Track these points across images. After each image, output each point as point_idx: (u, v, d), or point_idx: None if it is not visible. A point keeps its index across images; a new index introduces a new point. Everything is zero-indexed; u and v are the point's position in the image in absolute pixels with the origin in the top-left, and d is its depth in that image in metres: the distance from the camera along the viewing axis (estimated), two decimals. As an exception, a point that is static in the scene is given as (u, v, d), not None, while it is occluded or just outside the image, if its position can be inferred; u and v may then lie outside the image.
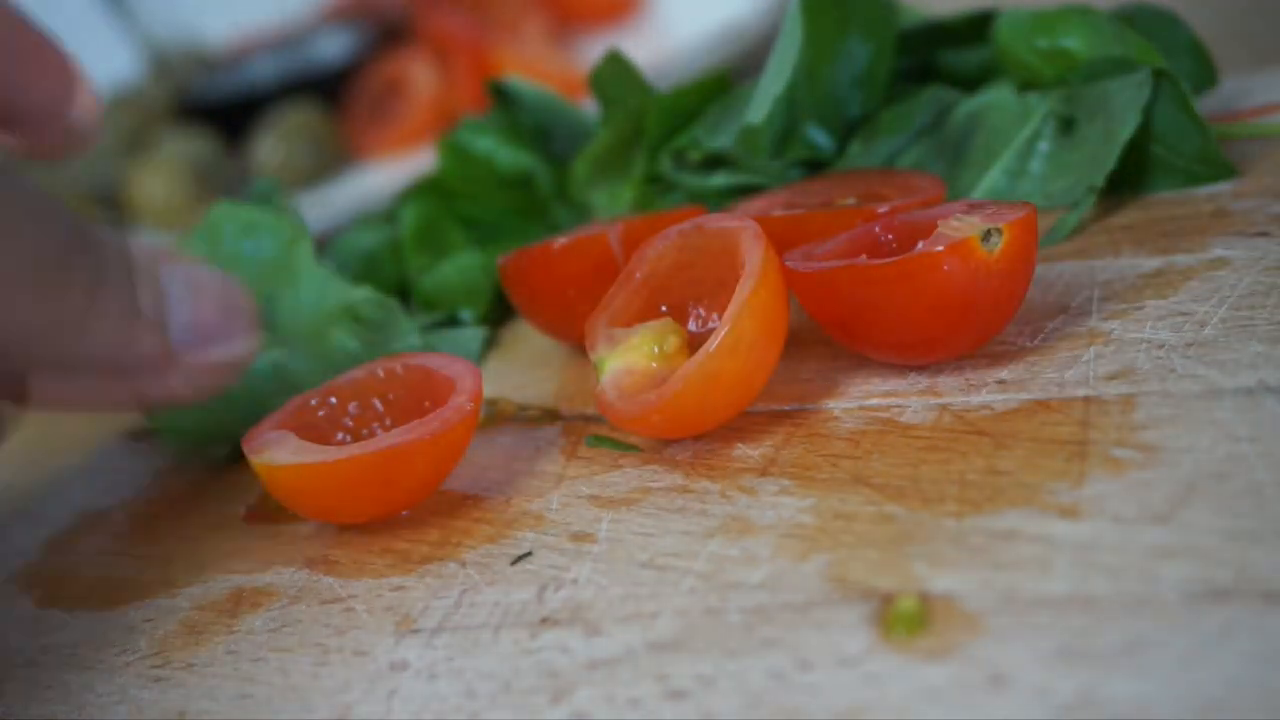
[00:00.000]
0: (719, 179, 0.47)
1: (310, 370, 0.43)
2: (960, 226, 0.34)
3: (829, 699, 0.27)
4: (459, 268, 0.49)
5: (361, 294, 0.45)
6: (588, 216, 0.50)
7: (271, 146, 0.75)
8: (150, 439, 0.48)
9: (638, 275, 0.38)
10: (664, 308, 0.38)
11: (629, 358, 0.37)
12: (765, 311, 0.35)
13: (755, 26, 0.74)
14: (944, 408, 0.35)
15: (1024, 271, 0.35)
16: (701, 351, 0.34)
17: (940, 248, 0.34)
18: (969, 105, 0.45)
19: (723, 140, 0.47)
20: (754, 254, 0.35)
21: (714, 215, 0.38)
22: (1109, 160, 0.41)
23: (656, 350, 0.37)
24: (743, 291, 0.34)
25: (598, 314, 0.38)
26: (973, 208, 0.35)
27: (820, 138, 0.47)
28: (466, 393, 0.37)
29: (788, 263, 0.36)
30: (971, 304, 0.34)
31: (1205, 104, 0.46)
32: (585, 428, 0.40)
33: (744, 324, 0.34)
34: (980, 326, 0.35)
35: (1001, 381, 0.35)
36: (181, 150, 0.75)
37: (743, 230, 0.36)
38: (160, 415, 0.44)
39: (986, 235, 0.34)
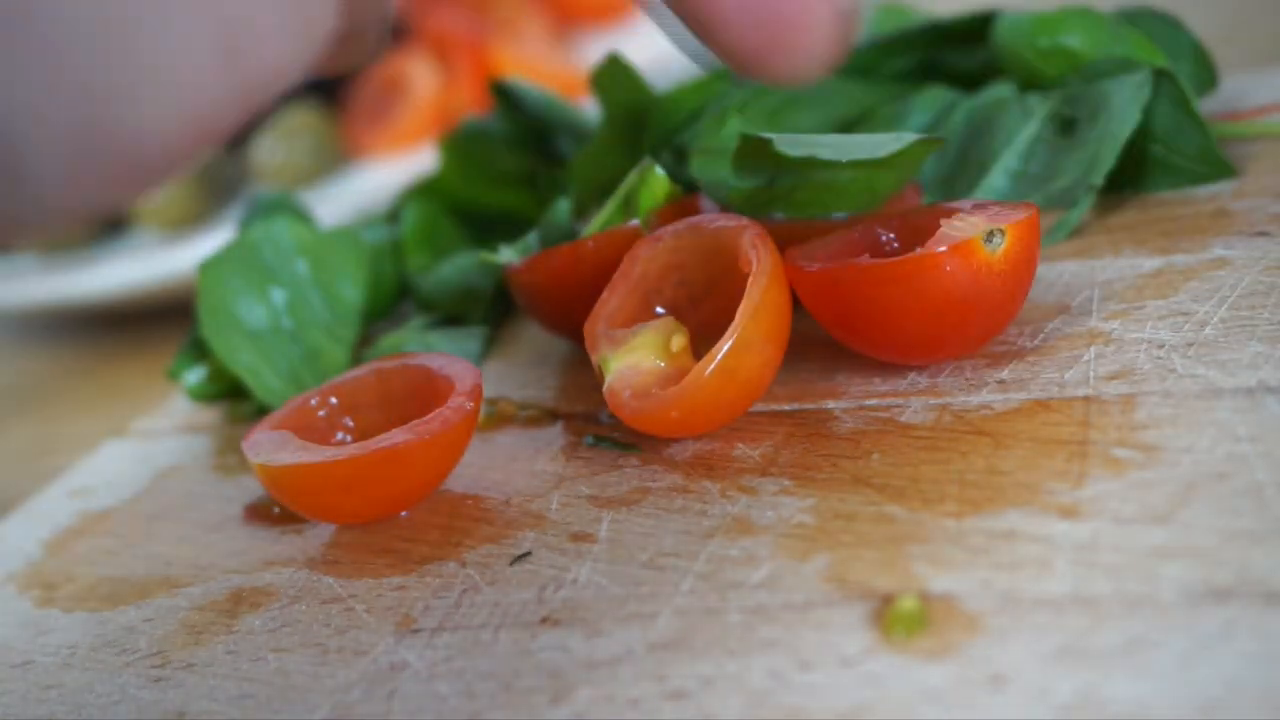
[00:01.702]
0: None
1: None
2: (963, 227, 0.34)
3: (829, 699, 0.27)
4: (459, 268, 0.49)
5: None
6: (587, 215, 0.50)
7: (271, 146, 0.75)
8: (150, 438, 0.49)
9: (631, 277, 0.38)
10: (659, 309, 0.38)
11: (633, 357, 0.37)
12: (776, 308, 0.35)
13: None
14: (944, 408, 0.35)
15: (1026, 272, 0.35)
16: (718, 347, 0.34)
17: (943, 248, 0.34)
18: (969, 105, 0.45)
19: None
20: (762, 252, 0.35)
21: (709, 215, 0.38)
22: (1109, 160, 0.41)
23: (663, 349, 0.37)
24: (756, 288, 0.35)
25: (595, 316, 0.38)
26: (976, 208, 0.36)
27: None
28: (466, 392, 0.37)
29: (790, 262, 0.36)
30: (974, 304, 0.34)
31: (1205, 104, 0.46)
32: (585, 428, 0.40)
33: (760, 319, 0.34)
34: (982, 327, 0.35)
35: (1001, 381, 0.35)
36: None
37: (744, 230, 0.36)
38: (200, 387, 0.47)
39: (989, 236, 0.34)
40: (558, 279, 0.42)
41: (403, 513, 0.38)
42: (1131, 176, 0.43)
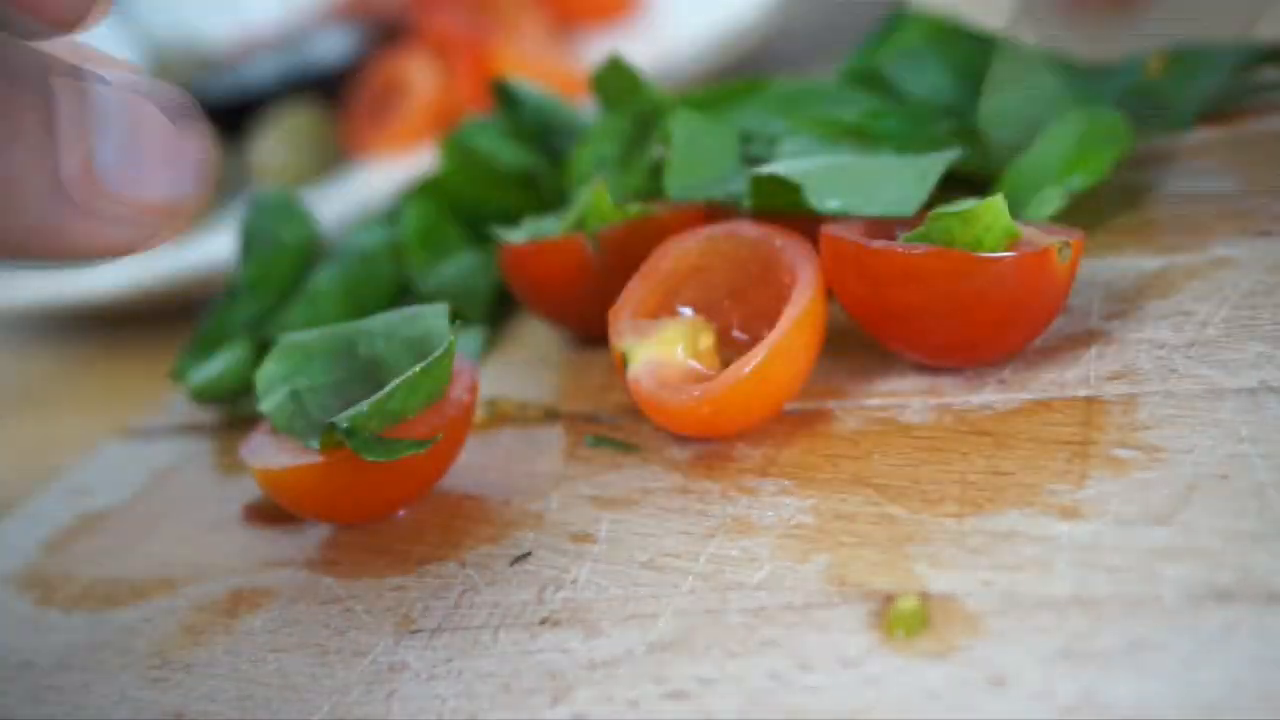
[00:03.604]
0: None
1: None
2: (1032, 234, 0.34)
3: (829, 700, 0.27)
4: (459, 268, 0.49)
5: None
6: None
7: (271, 146, 0.75)
8: (150, 438, 0.48)
9: (660, 271, 0.38)
10: (680, 307, 0.38)
11: (660, 350, 0.37)
12: (816, 322, 0.35)
13: (755, 26, 0.74)
14: (944, 408, 0.35)
15: (1069, 288, 0.35)
16: (760, 349, 0.34)
17: (1030, 251, 0.33)
18: None
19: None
20: (808, 267, 0.35)
21: (749, 224, 0.38)
22: None
23: (690, 346, 0.37)
24: (802, 298, 0.35)
25: (622, 305, 0.38)
26: (1025, 222, 0.35)
27: None
28: (463, 387, 0.37)
29: (839, 237, 0.35)
30: (1036, 310, 0.34)
31: (1205, 103, 0.46)
32: (585, 428, 0.40)
33: (802, 329, 0.35)
34: (1028, 333, 0.35)
35: (1002, 381, 0.35)
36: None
37: (789, 244, 0.36)
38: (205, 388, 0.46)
39: (1062, 247, 0.34)
40: (551, 273, 0.43)
41: (401, 512, 0.38)
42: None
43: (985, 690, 0.26)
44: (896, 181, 0.39)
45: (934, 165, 0.39)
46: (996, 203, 0.34)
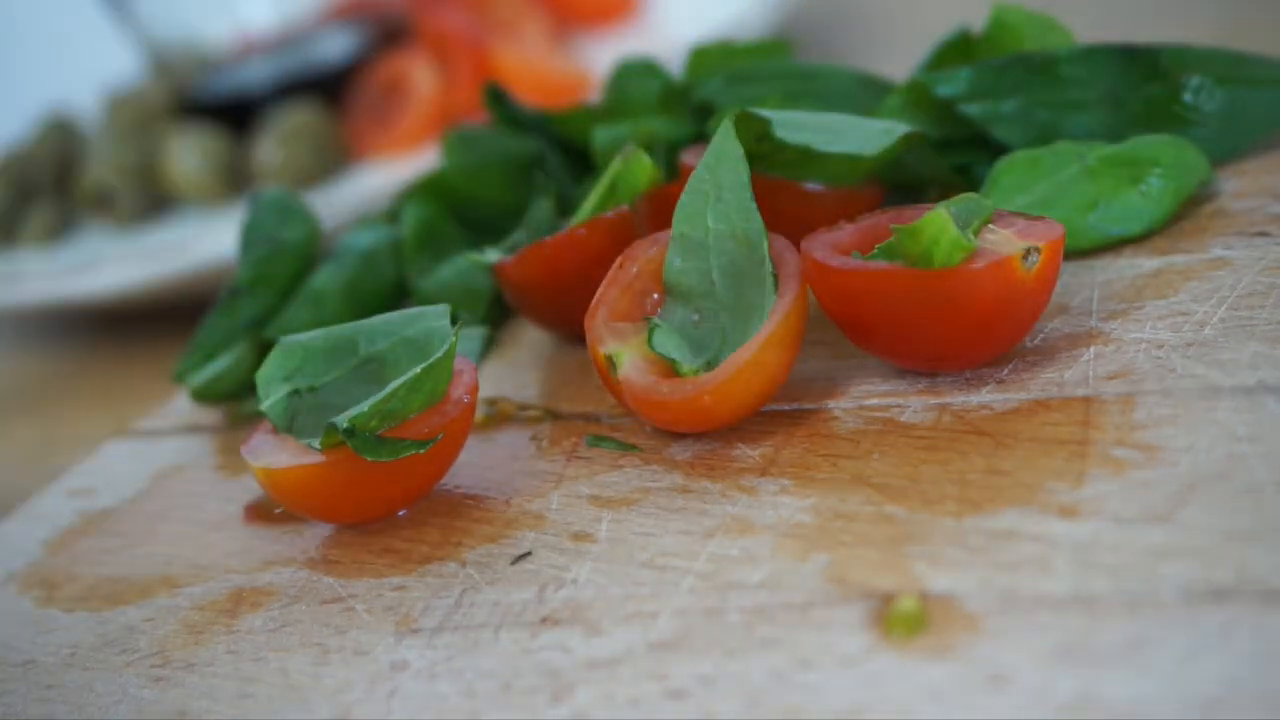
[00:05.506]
0: None
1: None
2: (998, 241, 0.34)
3: (829, 699, 0.27)
4: (459, 268, 0.49)
5: None
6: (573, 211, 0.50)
7: (272, 147, 0.75)
8: (151, 438, 0.49)
9: (627, 274, 0.38)
10: (651, 311, 0.38)
11: (643, 350, 0.37)
12: (801, 312, 0.35)
13: (755, 26, 0.74)
14: (944, 408, 0.35)
15: (1050, 288, 0.35)
16: (756, 339, 0.34)
17: (981, 265, 0.33)
18: None
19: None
20: (790, 258, 0.36)
21: None
22: None
23: None
24: (789, 289, 0.35)
25: (596, 309, 0.38)
26: (1002, 219, 0.35)
27: None
28: (463, 387, 0.37)
29: (810, 255, 0.36)
30: (1002, 319, 0.34)
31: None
32: (585, 428, 0.40)
33: (790, 320, 0.35)
34: (1004, 340, 0.35)
35: (1001, 381, 0.35)
36: (198, 140, 0.76)
37: (771, 240, 0.37)
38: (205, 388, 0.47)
39: (1027, 254, 0.33)
40: (550, 270, 0.42)
41: (401, 511, 0.38)
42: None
43: (984, 689, 0.26)
44: (862, 131, 0.40)
45: (899, 126, 0.40)
46: (939, 215, 0.33)
